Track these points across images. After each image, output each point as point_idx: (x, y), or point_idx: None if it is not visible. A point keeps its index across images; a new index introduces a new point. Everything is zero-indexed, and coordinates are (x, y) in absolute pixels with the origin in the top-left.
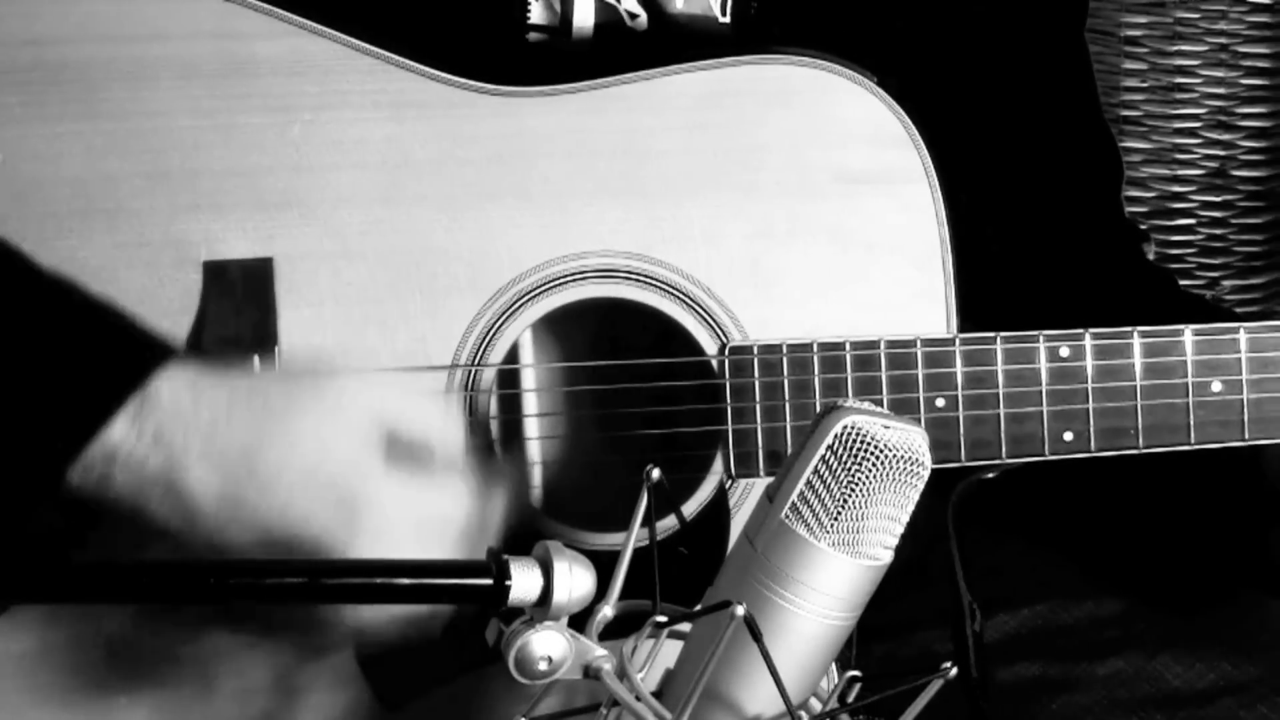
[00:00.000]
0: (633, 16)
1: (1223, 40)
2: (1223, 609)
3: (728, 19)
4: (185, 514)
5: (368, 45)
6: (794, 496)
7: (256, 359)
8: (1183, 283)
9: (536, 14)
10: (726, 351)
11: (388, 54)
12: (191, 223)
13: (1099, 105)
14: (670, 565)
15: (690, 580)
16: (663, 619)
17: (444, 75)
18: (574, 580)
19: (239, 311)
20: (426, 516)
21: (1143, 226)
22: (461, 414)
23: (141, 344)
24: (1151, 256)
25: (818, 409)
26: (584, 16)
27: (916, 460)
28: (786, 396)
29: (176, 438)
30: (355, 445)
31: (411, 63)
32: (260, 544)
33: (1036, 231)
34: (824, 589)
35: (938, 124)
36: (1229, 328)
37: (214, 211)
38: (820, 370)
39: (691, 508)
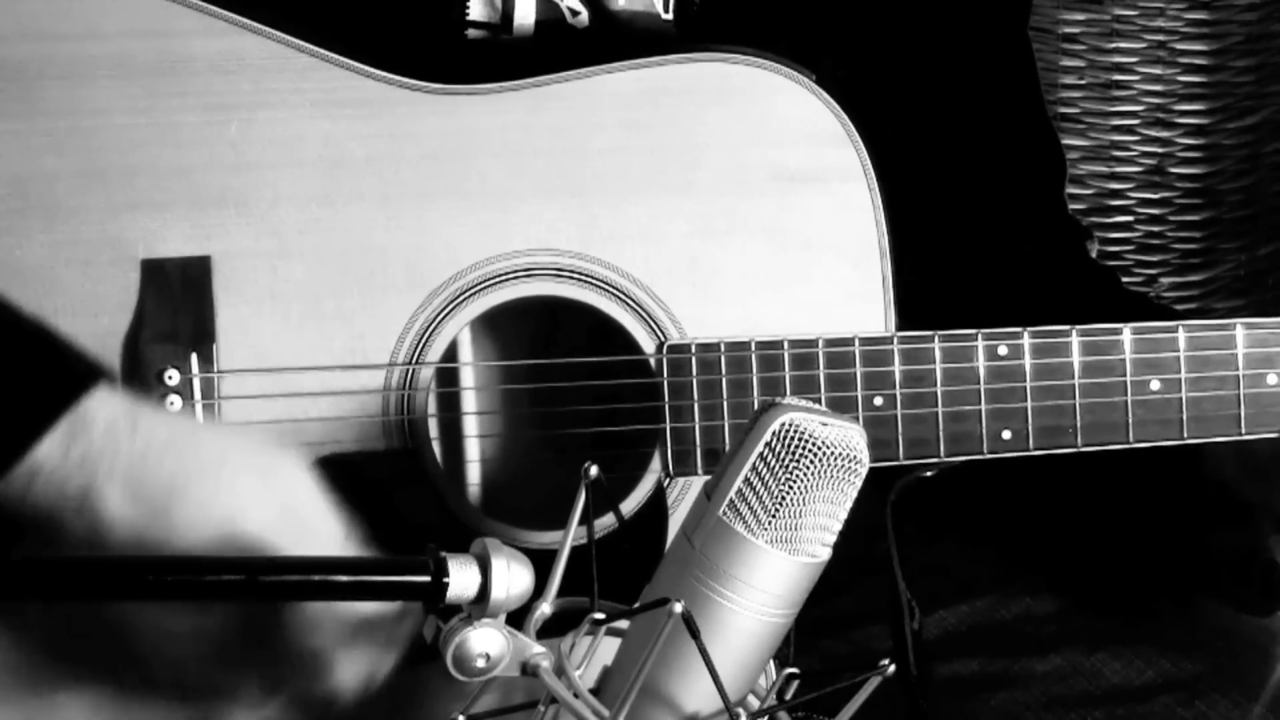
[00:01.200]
0: (574, 13)
1: (1160, 38)
2: (1161, 606)
3: (670, 16)
4: (94, 537)
5: (305, 43)
6: (732, 494)
7: (199, 409)
8: (1120, 280)
9: (476, 11)
10: (664, 350)
11: (325, 52)
12: (129, 221)
13: (1042, 103)
14: (608, 563)
15: (628, 578)
16: (600, 616)
17: (382, 73)
18: (512, 577)
19: (177, 310)
20: (323, 606)
21: (1083, 224)
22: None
23: (75, 364)
24: (1094, 254)
25: (756, 407)
26: (525, 13)
27: (854, 458)
28: (724, 395)
29: (103, 463)
30: (273, 519)
31: (349, 60)
32: None
33: (976, 230)
34: (762, 586)
35: (878, 122)
36: (1168, 327)
37: (152, 210)
38: (758, 369)
39: (630, 506)
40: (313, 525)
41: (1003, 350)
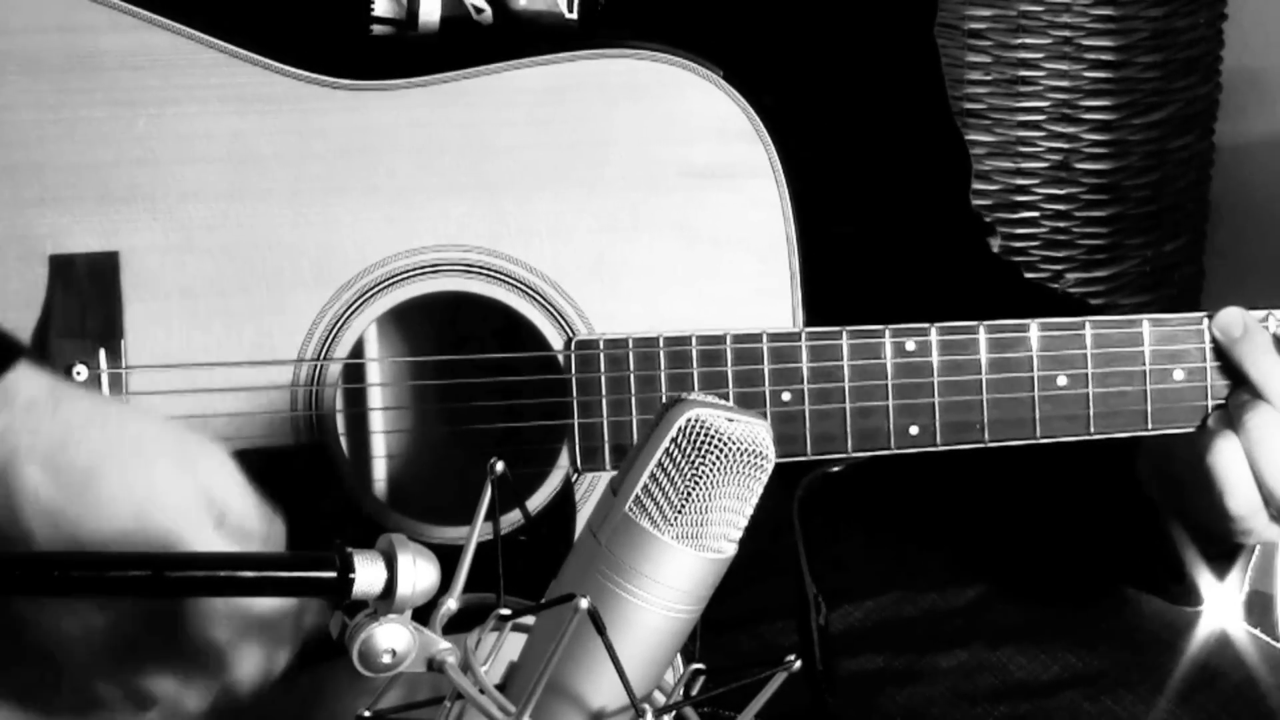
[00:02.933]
0: (478, 11)
1: (1066, 33)
2: (1066, 601)
3: (574, 15)
4: (7, 510)
5: (213, 39)
6: (638, 489)
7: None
8: (1026, 276)
9: (381, 7)
10: (572, 346)
11: (233, 48)
12: (37, 217)
13: (947, 100)
14: (515, 559)
15: (535, 573)
16: (506, 612)
17: (290, 69)
18: (417, 573)
19: (85, 305)
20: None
21: (988, 219)
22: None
23: None
24: (997, 249)
25: (663, 403)
26: (430, 10)
27: (760, 453)
28: (632, 390)
29: (23, 438)
30: (190, 505)
31: (257, 56)
32: None
33: (884, 225)
34: (668, 581)
35: (785, 118)
36: (1075, 322)
37: (60, 205)
38: (666, 364)
39: (537, 501)
40: (232, 518)
41: (910, 346)
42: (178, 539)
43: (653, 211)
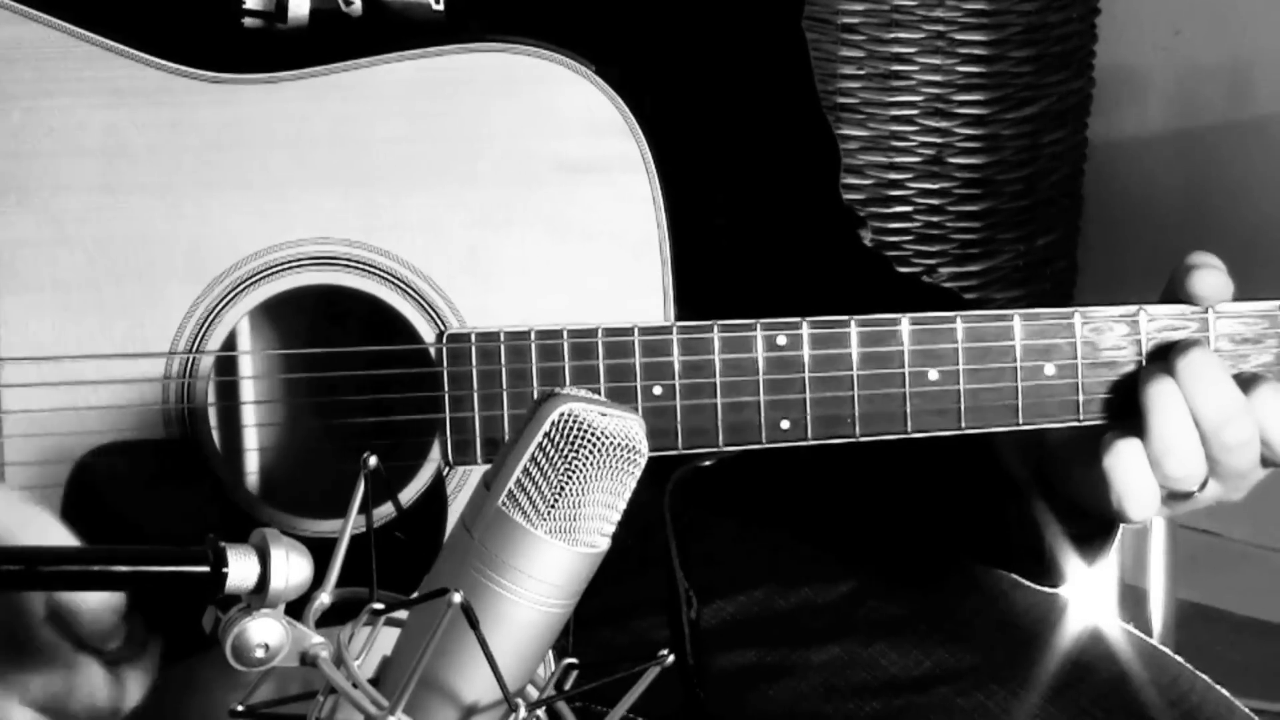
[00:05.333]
0: (347, 3)
1: (940, 28)
2: (939, 595)
3: (441, 6)
4: None
5: (86, 31)
6: (511, 484)
7: None
8: (899, 269)
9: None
10: (444, 339)
11: (106, 40)
12: None
13: (816, 93)
14: (389, 553)
15: (408, 568)
16: (379, 606)
17: (163, 62)
18: (290, 567)
19: None
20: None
21: (860, 213)
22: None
23: None
24: (869, 242)
25: (535, 397)
26: (299, 2)
27: (633, 447)
28: (504, 384)
29: None
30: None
31: (130, 49)
32: None
33: (756, 220)
34: (541, 576)
35: (658, 112)
36: (946, 317)
37: None
38: (537, 358)
39: (409, 495)
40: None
41: (781, 340)
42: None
43: (526, 205)
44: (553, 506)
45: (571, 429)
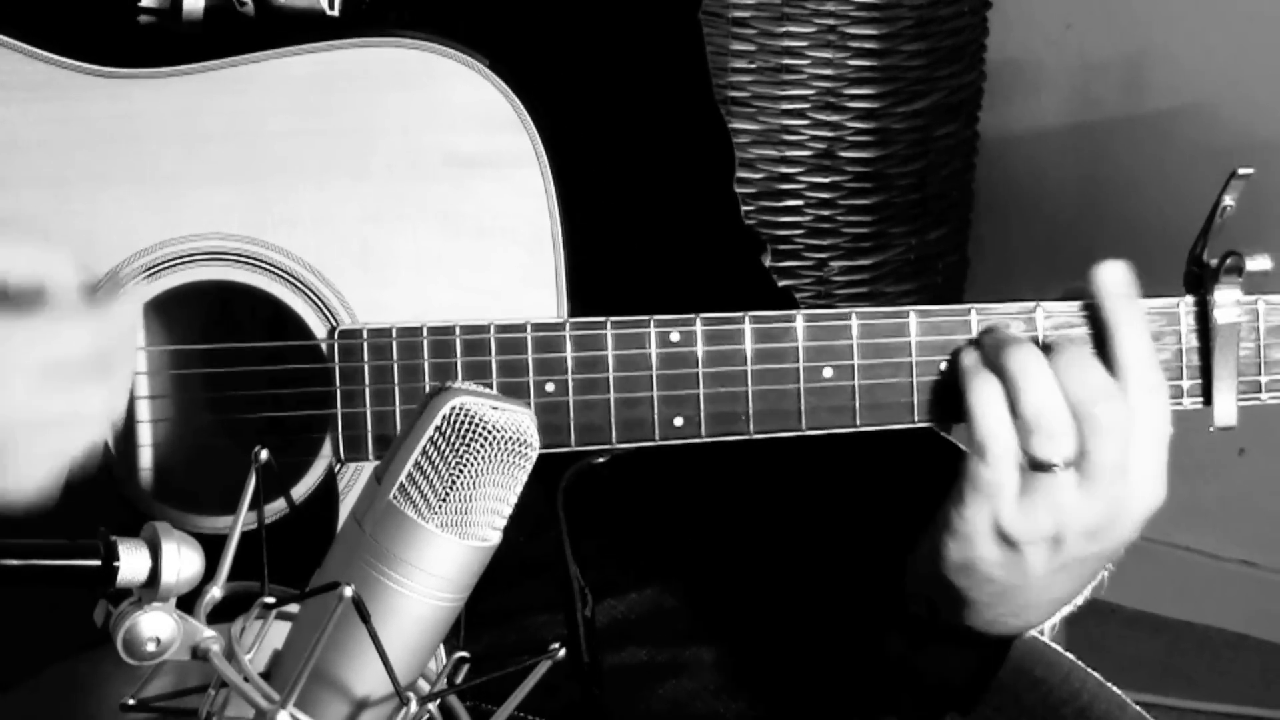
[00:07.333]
0: (240, 4)
1: (831, 21)
2: (827, 592)
3: (335, 13)
4: None
5: None
6: (402, 477)
7: None
8: (791, 264)
9: None
10: (336, 335)
11: None
12: None
13: (711, 87)
14: (281, 547)
15: (300, 562)
16: (271, 600)
17: (54, 56)
18: (182, 561)
19: None
20: (42, 357)
21: (749, 208)
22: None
23: None
24: (768, 262)
25: (427, 391)
26: (194, 1)
27: (524, 441)
28: (396, 380)
29: None
30: None
31: (21, 44)
32: None
33: (651, 215)
34: (432, 570)
35: (551, 107)
36: (841, 314)
37: None
38: (430, 354)
39: (300, 490)
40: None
41: (675, 336)
42: None
43: (418, 200)
44: (444, 500)
45: (463, 423)
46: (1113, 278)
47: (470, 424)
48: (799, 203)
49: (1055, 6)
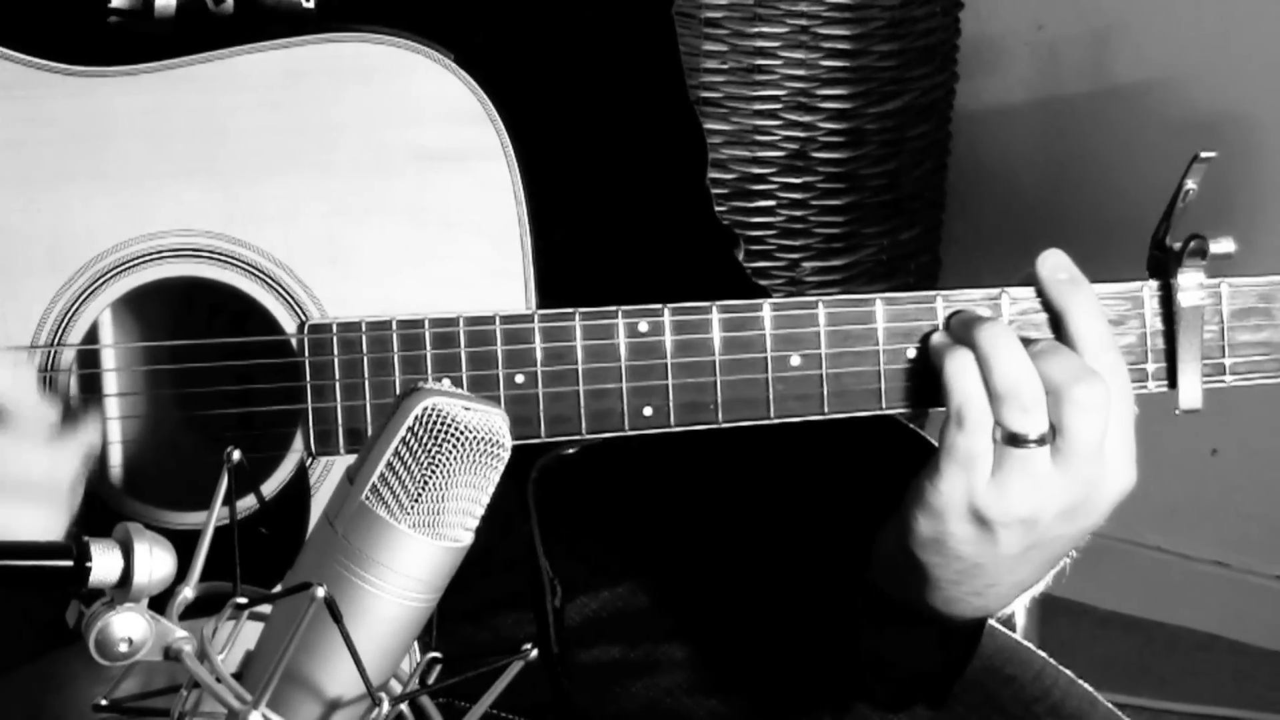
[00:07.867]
0: (217, 2)
1: (803, 22)
2: (800, 590)
3: (311, 4)
4: None
5: None
6: (374, 478)
7: None
8: (763, 264)
9: None
10: (305, 329)
11: None
12: None
13: (684, 84)
14: (253, 547)
15: (273, 561)
16: (243, 600)
17: (20, 55)
18: (154, 561)
19: None
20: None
21: (721, 208)
22: (32, 372)
23: None
24: (741, 255)
25: (397, 386)
26: (165, 2)
27: (497, 442)
28: (366, 374)
29: None
30: None
31: None
32: None
33: (619, 208)
34: (404, 570)
35: (520, 101)
36: (808, 302)
37: None
38: (399, 347)
39: (272, 487)
40: None
41: (643, 327)
42: None
43: (384, 194)
44: (416, 501)
45: (435, 424)
46: (1052, 265)
47: (442, 425)
48: (771, 203)
49: (1027, 8)
